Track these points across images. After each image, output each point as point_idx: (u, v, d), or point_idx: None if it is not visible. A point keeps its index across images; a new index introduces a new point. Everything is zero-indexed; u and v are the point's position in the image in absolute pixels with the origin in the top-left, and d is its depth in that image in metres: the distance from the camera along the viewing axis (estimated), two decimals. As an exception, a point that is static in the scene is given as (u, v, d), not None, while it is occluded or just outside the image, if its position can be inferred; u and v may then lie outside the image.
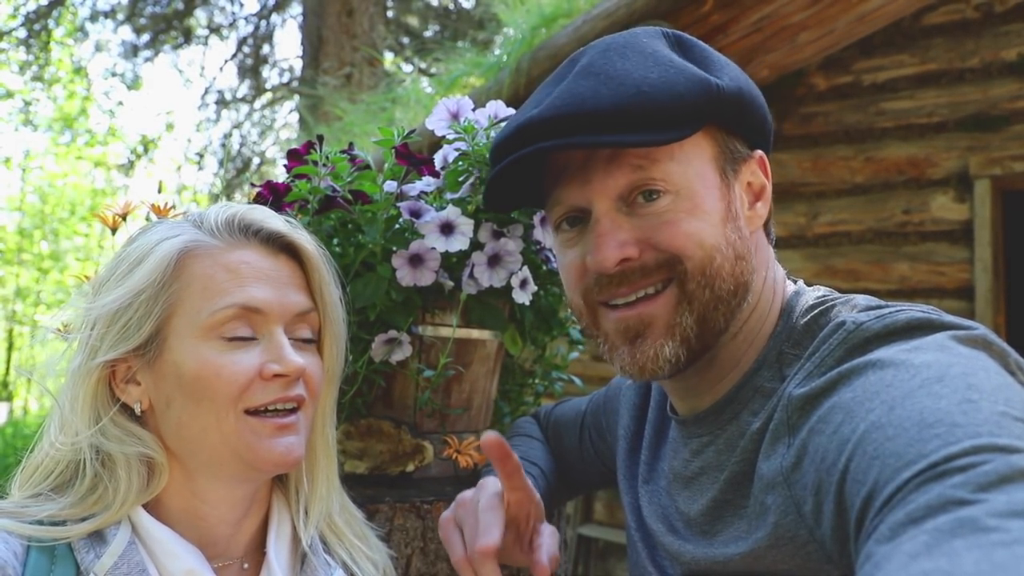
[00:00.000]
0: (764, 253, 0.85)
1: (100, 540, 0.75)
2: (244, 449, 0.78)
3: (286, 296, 0.82)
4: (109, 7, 10.34)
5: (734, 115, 0.80)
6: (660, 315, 0.78)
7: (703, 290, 0.77)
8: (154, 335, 0.78)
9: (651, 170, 0.76)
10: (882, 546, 0.48)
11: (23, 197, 15.29)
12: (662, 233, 0.77)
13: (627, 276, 0.78)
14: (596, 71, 0.77)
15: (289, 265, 0.85)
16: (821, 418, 0.65)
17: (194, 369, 0.77)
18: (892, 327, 0.68)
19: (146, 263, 0.79)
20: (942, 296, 3.59)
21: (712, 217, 0.78)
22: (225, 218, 0.84)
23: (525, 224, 1.17)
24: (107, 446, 0.78)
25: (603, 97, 0.74)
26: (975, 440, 0.50)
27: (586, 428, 1.18)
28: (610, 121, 0.74)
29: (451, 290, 1.15)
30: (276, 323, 0.81)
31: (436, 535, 1.06)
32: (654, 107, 0.73)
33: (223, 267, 0.80)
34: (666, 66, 0.76)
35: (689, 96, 0.74)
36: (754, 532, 0.73)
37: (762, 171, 0.85)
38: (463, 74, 4.13)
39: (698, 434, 0.85)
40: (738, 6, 3.26)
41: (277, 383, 0.79)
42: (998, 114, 3.53)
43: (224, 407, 0.77)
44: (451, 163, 1.16)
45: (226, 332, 0.78)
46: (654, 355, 0.78)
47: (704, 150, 0.79)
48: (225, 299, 0.78)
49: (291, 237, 0.85)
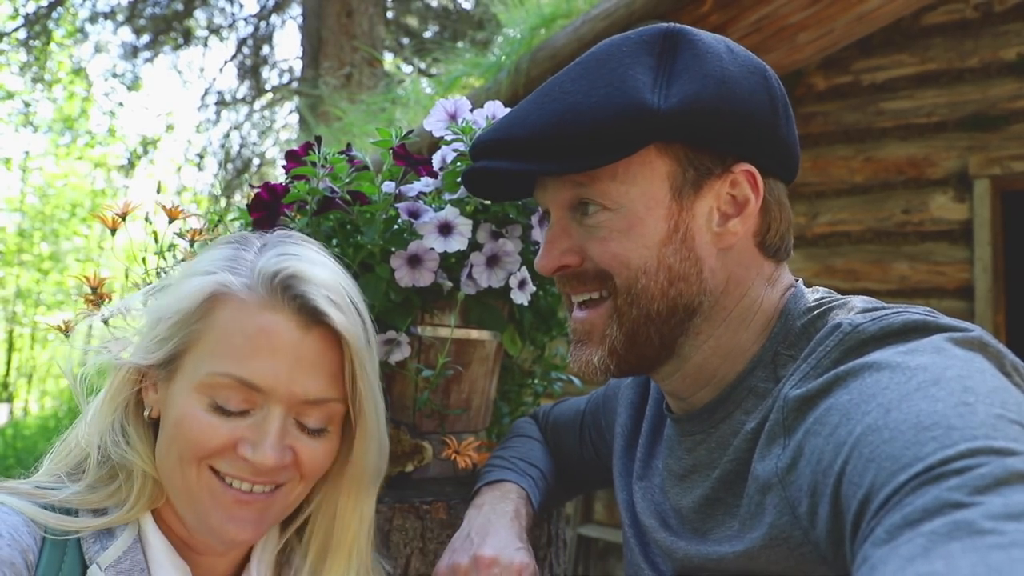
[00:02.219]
0: (750, 268, 0.82)
1: (108, 533, 0.77)
2: (199, 507, 0.76)
3: (299, 378, 0.75)
4: (109, 8, 10.35)
5: (689, 133, 0.76)
6: (597, 325, 0.83)
7: (630, 308, 0.80)
8: (171, 359, 0.78)
9: (590, 188, 0.80)
10: (878, 549, 0.48)
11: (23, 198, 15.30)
12: (593, 248, 0.81)
13: (569, 279, 0.84)
14: (545, 92, 0.82)
15: (320, 343, 0.77)
16: (817, 420, 0.65)
17: (178, 413, 0.76)
18: (888, 329, 0.68)
19: (181, 291, 0.78)
20: (942, 296, 3.59)
21: (647, 239, 0.78)
22: (270, 272, 0.77)
23: (523, 225, 1.17)
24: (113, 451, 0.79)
25: (528, 124, 0.79)
26: (971, 443, 0.50)
27: (586, 428, 1.19)
28: (529, 147, 0.79)
29: (450, 290, 1.15)
30: (277, 404, 0.75)
31: (435, 535, 1.06)
32: (573, 135, 0.76)
33: (241, 329, 0.75)
34: (612, 88, 0.76)
35: (615, 121, 0.74)
36: (748, 532, 0.73)
37: (750, 184, 0.80)
38: (462, 75, 4.13)
39: (691, 432, 0.85)
40: (737, 6, 3.26)
41: (248, 465, 0.75)
42: (997, 114, 3.53)
43: (188, 459, 0.76)
44: (449, 164, 1.16)
45: (218, 398, 0.75)
46: (585, 361, 0.84)
47: (656, 168, 0.78)
48: (227, 366, 0.74)
49: (329, 318, 0.76)
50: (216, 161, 11.01)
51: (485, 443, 1.25)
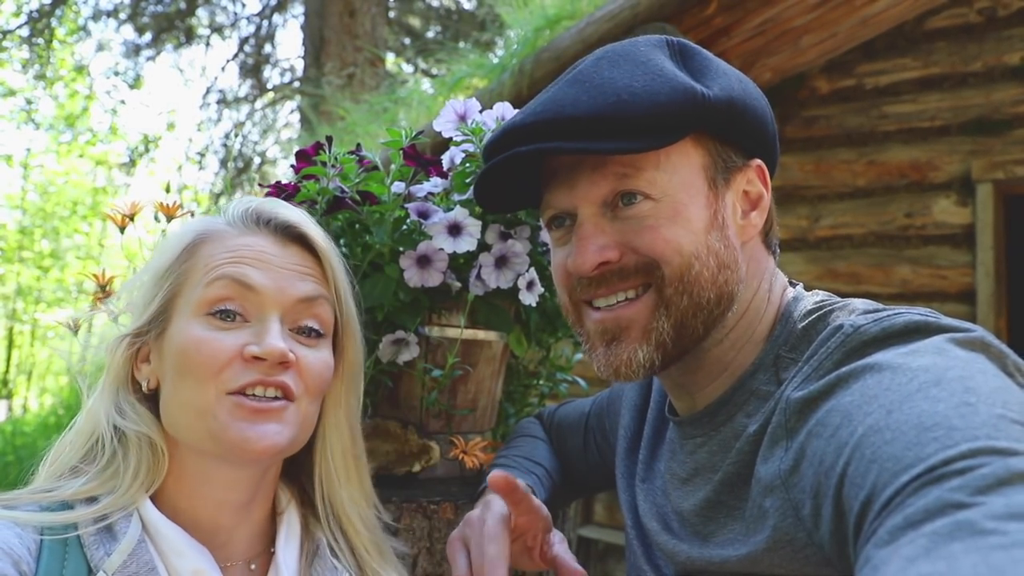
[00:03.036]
0: (761, 263, 0.85)
1: (110, 536, 0.74)
2: (218, 429, 0.76)
3: (287, 282, 0.81)
4: (111, 6, 10.34)
5: (724, 124, 0.79)
6: (637, 319, 0.80)
7: (681, 296, 0.78)
8: (161, 313, 0.81)
9: (635, 178, 0.78)
10: (881, 550, 0.48)
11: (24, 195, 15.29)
12: (641, 238, 0.78)
13: (606, 279, 0.80)
14: (583, 79, 0.79)
15: (300, 255, 0.85)
16: (819, 421, 0.66)
17: (181, 344, 0.78)
18: (890, 330, 0.68)
19: (165, 247, 0.84)
20: (944, 300, 3.59)
21: (694, 225, 0.78)
22: (241, 208, 0.86)
23: (532, 226, 1.18)
24: (121, 423, 0.79)
25: (582, 104, 0.76)
26: (973, 443, 0.50)
27: (590, 430, 1.19)
28: (586, 128, 0.75)
29: (458, 291, 1.15)
30: (272, 308, 0.80)
31: (442, 535, 1.07)
32: (632, 115, 0.74)
33: (226, 248, 0.81)
34: (654, 75, 0.77)
35: (670, 105, 0.75)
36: (752, 535, 0.73)
37: (760, 180, 0.84)
38: (465, 75, 4.13)
39: (693, 435, 0.86)
40: (741, 9, 3.26)
41: (258, 366, 0.77)
42: (1000, 118, 3.54)
43: (203, 384, 0.76)
44: (458, 165, 1.16)
45: (216, 307, 0.78)
46: (627, 359, 0.80)
47: (692, 158, 0.79)
48: (218, 271, 0.79)
49: (301, 228, 0.85)
50: (217, 160, 11.01)
51: (492, 443, 1.26)
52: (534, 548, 0.91)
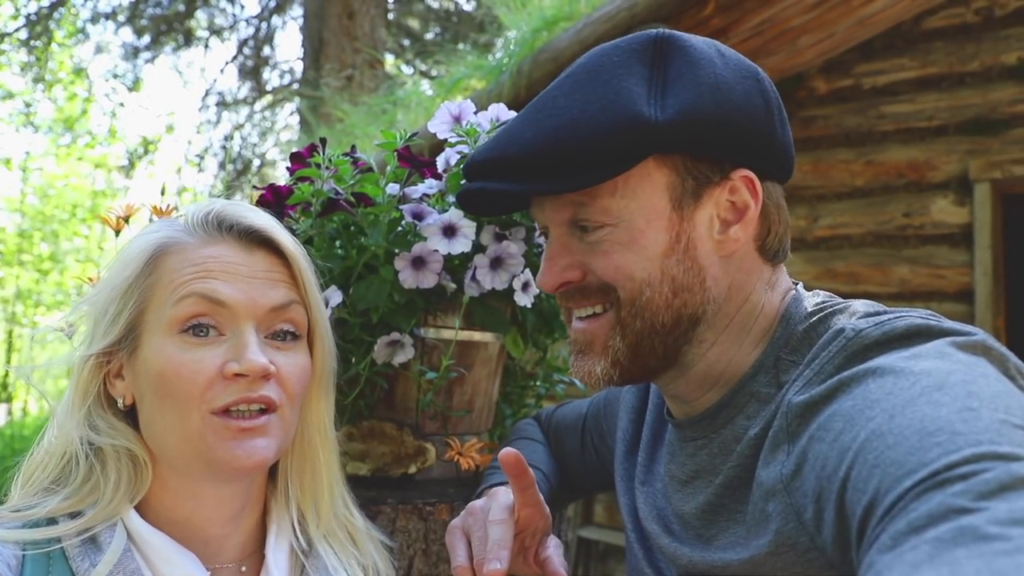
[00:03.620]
0: (752, 273, 0.82)
1: (95, 547, 0.73)
2: (205, 450, 0.75)
3: (257, 292, 0.79)
4: (110, 9, 10.36)
5: (687, 143, 0.76)
6: (598, 336, 0.82)
7: (634, 319, 0.79)
8: (130, 330, 0.78)
9: (589, 206, 0.79)
10: (884, 555, 0.48)
11: (23, 198, 15.29)
12: (596, 262, 0.80)
13: (572, 295, 0.83)
14: (538, 108, 0.80)
15: (267, 260, 0.83)
16: (821, 426, 0.65)
17: (158, 366, 0.76)
18: (891, 334, 0.68)
19: (125, 259, 0.80)
20: (942, 299, 3.59)
21: (649, 251, 0.77)
22: (202, 215, 0.83)
23: (527, 227, 1.18)
24: (96, 439, 0.78)
25: (526, 142, 0.77)
26: (976, 448, 0.50)
27: (587, 431, 1.19)
28: (524, 167, 0.78)
29: (453, 292, 1.15)
30: (245, 320, 0.78)
31: (438, 536, 1.07)
32: (572, 151, 0.74)
33: (190, 262, 0.79)
34: (607, 101, 0.75)
35: (614, 135, 0.73)
36: (754, 539, 0.73)
37: (749, 190, 0.79)
38: (464, 77, 4.14)
39: (693, 437, 0.85)
40: (739, 10, 3.26)
41: (240, 383, 0.76)
42: (998, 118, 3.54)
43: (185, 406, 0.75)
44: (453, 166, 1.16)
45: (188, 324, 0.76)
46: (588, 371, 0.83)
47: (655, 180, 0.77)
48: (187, 288, 0.77)
49: (266, 232, 0.83)
50: (217, 162, 11.02)
51: (488, 445, 1.26)
52: (531, 549, 0.90)
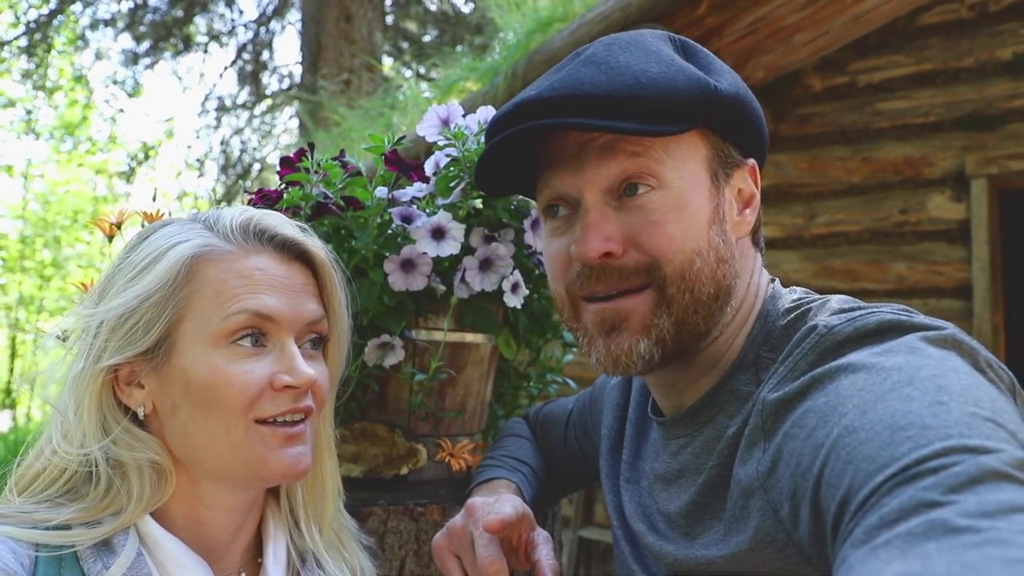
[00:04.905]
0: (749, 260, 0.86)
1: (108, 549, 0.74)
2: (254, 459, 0.77)
3: (299, 305, 0.81)
4: (109, 15, 10.38)
5: (730, 120, 0.81)
6: (637, 312, 0.78)
7: (682, 294, 0.77)
8: (163, 339, 0.77)
9: (645, 158, 0.77)
10: (857, 550, 0.49)
11: (25, 205, 15.33)
12: (647, 233, 0.77)
13: (606, 273, 0.78)
14: (598, 61, 0.78)
15: (303, 273, 0.84)
16: (795, 423, 0.66)
17: (204, 377, 0.76)
18: (863, 330, 0.69)
19: (157, 266, 0.77)
20: (940, 296, 3.59)
21: (697, 218, 0.78)
22: (240, 222, 0.82)
23: (516, 228, 1.18)
24: (117, 452, 0.76)
25: (601, 84, 0.75)
26: (946, 442, 0.51)
27: (571, 426, 1.20)
28: (606, 106, 0.74)
29: (443, 294, 1.16)
30: (288, 332, 0.80)
31: (430, 537, 1.07)
32: (651, 98, 0.74)
33: (237, 273, 0.78)
34: (667, 63, 0.78)
35: (687, 93, 0.75)
36: (734, 536, 0.73)
37: (753, 180, 0.86)
38: (460, 79, 4.15)
39: (676, 436, 0.86)
40: (733, 8, 3.27)
41: (288, 394, 0.78)
42: (994, 113, 3.54)
43: (234, 416, 0.76)
44: (442, 169, 1.17)
45: (237, 339, 0.77)
46: (628, 349, 0.79)
47: (698, 150, 0.80)
48: (238, 304, 0.77)
49: (305, 245, 0.84)
50: (217, 166, 11.04)
51: (480, 445, 1.26)
52: (519, 548, 0.91)
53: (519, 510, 0.88)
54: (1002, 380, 0.64)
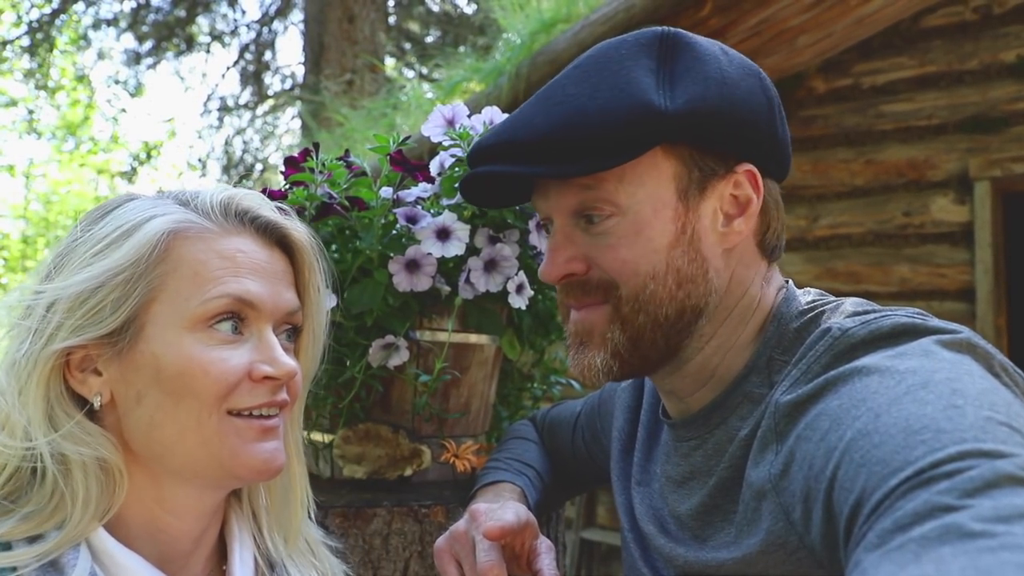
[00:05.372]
0: (751, 267, 0.83)
1: (56, 571, 0.64)
2: (227, 454, 0.71)
3: (279, 294, 0.76)
4: (112, 15, 10.40)
5: (699, 132, 0.77)
6: (598, 325, 0.81)
7: (636, 315, 0.79)
8: (130, 321, 0.69)
9: (598, 191, 0.78)
10: (870, 554, 0.48)
11: (27, 205, 15.34)
12: (602, 256, 0.80)
13: (573, 288, 0.83)
14: (547, 95, 0.80)
15: (283, 260, 0.79)
16: (808, 425, 0.66)
17: (177, 364, 0.69)
18: (877, 333, 0.68)
19: (130, 240, 0.70)
20: (943, 298, 3.58)
21: (655, 242, 0.78)
22: (221, 200, 0.76)
23: (521, 229, 1.18)
24: (62, 446, 0.67)
25: (538, 127, 0.77)
26: (960, 446, 0.50)
27: (579, 428, 1.19)
28: (542, 150, 0.77)
29: (447, 295, 1.15)
30: (267, 320, 0.74)
31: (433, 539, 1.07)
32: (582, 136, 0.75)
33: (217, 254, 0.72)
34: (617, 90, 0.76)
35: (625, 122, 0.74)
36: (745, 538, 0.73)
37: (751, 185, 0.81)
38: (463, 80, 4.15)
39: (687, 438, 0.85)
40: (737, 10, 3.27)
41: (265, 386, 0.73)
42: (997, 116, 3.53)
43: (207, 407, 0.69)
44: (447, 169, 1.17)
45: (214, 324, 0.71)
46: (588, 364, 0.82)
47: (662, 170, 0.78)
48: (219, 288, 0.70)
49: (286, 229, 0.79)
50: (219, 167, 11.05)
51: (484, 447, 1.26)
52: (522, 556, 0.91)
53: (522, 518, 0.87)
54: (1017, 384, 0.64)
